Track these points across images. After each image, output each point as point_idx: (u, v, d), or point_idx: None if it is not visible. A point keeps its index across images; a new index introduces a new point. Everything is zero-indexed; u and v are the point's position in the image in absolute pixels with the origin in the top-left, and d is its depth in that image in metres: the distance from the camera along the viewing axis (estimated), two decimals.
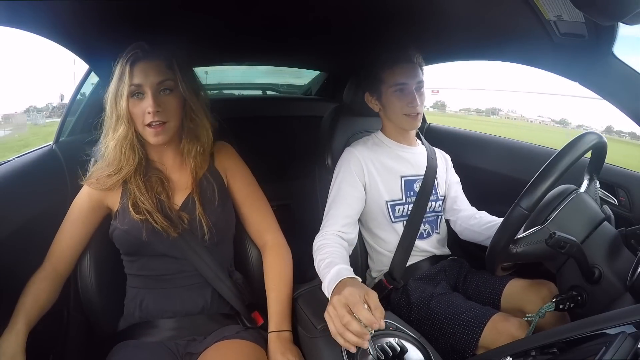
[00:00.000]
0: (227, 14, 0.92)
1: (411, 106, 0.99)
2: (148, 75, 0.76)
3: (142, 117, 0.76)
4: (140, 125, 0.78)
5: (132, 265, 0.84)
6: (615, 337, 0.43)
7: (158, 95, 0.77)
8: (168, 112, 0.78)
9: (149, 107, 0.75)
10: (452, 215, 1.13)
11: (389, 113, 1.03)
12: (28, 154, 0.96)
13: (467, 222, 1.08)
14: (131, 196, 0.79)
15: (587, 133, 0.73)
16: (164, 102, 0.77)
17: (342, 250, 0.85)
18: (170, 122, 0.78)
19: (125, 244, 0.81)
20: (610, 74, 0.79)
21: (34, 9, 0.73)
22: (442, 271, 1.04)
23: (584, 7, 0.57)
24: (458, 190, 1.15)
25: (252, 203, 0.90)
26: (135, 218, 0.77)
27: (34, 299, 0.73)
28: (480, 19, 0.88)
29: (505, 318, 0.81)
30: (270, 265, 0.87)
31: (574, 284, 0.71)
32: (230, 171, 0.89)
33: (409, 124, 1.02)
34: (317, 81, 1.98)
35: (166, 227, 0.78)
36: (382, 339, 0.66)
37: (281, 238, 0.90)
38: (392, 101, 1.01)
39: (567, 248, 0.67)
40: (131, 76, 0.75)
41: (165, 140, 0.79)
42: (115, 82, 0.76)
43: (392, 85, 1.00)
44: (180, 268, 0.82)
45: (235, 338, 0.78)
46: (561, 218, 0.74)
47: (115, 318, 0.85)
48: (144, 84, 0.76)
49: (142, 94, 0.76)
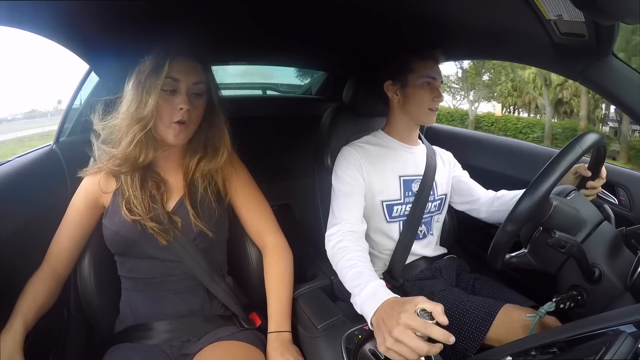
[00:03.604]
0: (227, 14, 0.92)
1: (437, 100, 0.99)
2: (187, 74, 0.75)
3: (170, 113, 0.74)
4: (165, 122, 0.75)
5: (123, 267, 0.83)
6: (615, 337, 0.43)
7: (190, 95, 0.76)
8: (195, 115, 0.77)
9: (183, 104, 0.73)
10: (473, 205, 1.12)
11: (411, 105, 1.01)
12: (28, 154, 0.96)
13: (492, 206, 1.08)
14: (125, 196, 0.78)
15: (587, 133, 0.73)
16: (194, 104, 0.76)
17: (365, 254, 0.83)
18: (192, 125, 0.78)
19: (114, 244, 0.80)
20: (610, 73, 0.79)
21: (34, 9, 0.73)
22: (438, 270, 1.04)
23: (584, 7, 0.57)
24: (469, 180, 1.15)
25: (252, 205, 0.89)
26: (126, 218, 0.76)
27: (31, 300, 0.73)
28: (480, 18, 0.87)
29: (517, 307, 0.82)
30: (271, 266, 0.86)
31: (574, 283, 0.71)
32: (228, 174, 0.87)
33: (430, 118, 1.02)
34: (317, 81, 1.98)
35: (157, 232, 0.76)
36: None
37: (281, 239, 0.90)
38: (420, 93, 0.99)
39: (567, 248, 0.67)
40: (170, 70, 0.73)
41: (183, 142, 0.78)
42: (148, 70, 0.73)
43: (423, 76, 0.99)
44: (168, 272, 0.81)
45: (230, 339, 0.78)
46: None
47: (114, 319, 0.85)
48: (181, 81, 0.74)
49: (175, 90, 0.75)
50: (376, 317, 0.63)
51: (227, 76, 2.02)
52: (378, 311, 0.64)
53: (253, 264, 0.92)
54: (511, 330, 0.77)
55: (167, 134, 0.76)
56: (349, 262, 0.78)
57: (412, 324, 0.56)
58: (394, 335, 0.57)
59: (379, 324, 0.62)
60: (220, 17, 0.93)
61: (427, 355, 0.55)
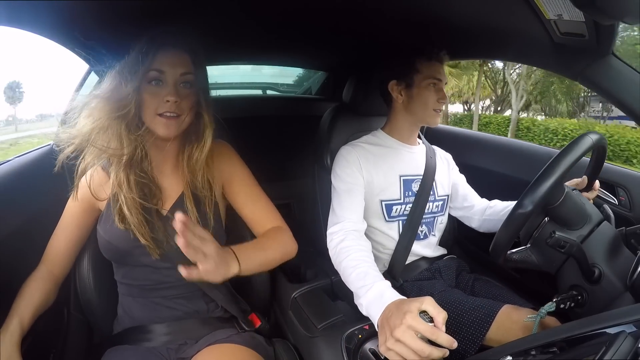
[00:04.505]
0: (228, 14, 0.92)
1: (442, 102, 1.00)
2: (173, 65, 0.72)
3: (156, 105, 0.71)
4: (150, 115, 0.72)
5: (118, 272, 0.83)
6: (615, 336, 0.43)
7: (178, 86, 0.73)
8: (184, 106, 0.73)
9: (169, 96, 0.70)
10: (467, 212, 1.13)
11: (415, 105, 1.01)
12: (28, 154, 0.96)
13: (484, 214, 1.09)
14: (117, 203, 0.74)
15: (588, 133, 0.73)
16: (182, 95, 0.73)
17: (368, 253, 0.82)
18: (183, 116, 0.74)
19: (107, 252, 0.79)
20: (610, 73, 0.79)
21: (34, 9, 0.73)
22: (438, 271, 1.04)
23: (584, 7, 0.57)
24: (465, 187, 1.15)
25: (254, 202, 0.87)
26: (119, 227, 0.74)
27: (28, 300, 0.73)
28: (480, 18, 0.87)
29: (516, 308, 0.81)
30: (269, 231, 0.83)
31: (574, 283, 0.71)
32: (228, 173, 0.85)
33: (434, 119, 1.02)
34: (317, 81, 1.98)
35: (150, 245, 0.74)
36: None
37: (287, 228, 0.87)
38: (425, 94, 0.99)
39: (567, 248, 0.67)
40: (155, 60, 0.70)
41: (175, 134, 0.74)
42: (131, 60, 0.70)
43: (429, 77, 0.99)
44: (163, 279, 0.79)
45: (226, 342, 0.78)
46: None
47: (113, 319, 0.85)
48: (167, 72, 0.72)
49: (161, 81, 0.72)
50: (381, 319, 0.63)
51: (227, 76, 2.02)
52: (384, 312, 0.63)
53: None
54: (510, 332, 0.77)
55: (155, 126, 0.73)
56: (353, 262, 0.78)
57: (416, 325, 0.55)
58: (395, 335, 0.56)
59: (383, 324, 0.61)
60: (220, 16, 0.93)
61: (430, 358, 0.54)
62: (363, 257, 0.79)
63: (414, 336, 0.55)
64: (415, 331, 0.55)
